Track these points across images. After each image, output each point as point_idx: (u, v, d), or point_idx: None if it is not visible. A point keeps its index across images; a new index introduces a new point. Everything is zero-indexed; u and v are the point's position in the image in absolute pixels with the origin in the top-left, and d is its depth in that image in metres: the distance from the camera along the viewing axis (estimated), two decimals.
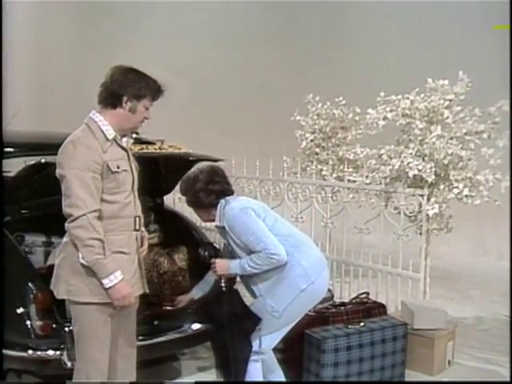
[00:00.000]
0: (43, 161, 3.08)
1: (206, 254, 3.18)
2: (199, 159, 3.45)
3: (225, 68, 7.72)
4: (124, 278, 2.29)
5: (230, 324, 2.69)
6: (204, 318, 2.95)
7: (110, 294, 2.25)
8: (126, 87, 2.26)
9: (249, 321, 2.70)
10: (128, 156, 2.38)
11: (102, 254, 2.22)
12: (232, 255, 2.82)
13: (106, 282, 2.23)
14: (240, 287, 2.91)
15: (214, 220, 2.83)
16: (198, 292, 3.05)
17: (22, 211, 3.10)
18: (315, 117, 5.26)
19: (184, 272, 3.53)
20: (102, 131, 2.28)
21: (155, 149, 3.27)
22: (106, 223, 2.27)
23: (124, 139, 2.39)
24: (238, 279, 2.92)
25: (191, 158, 3.41)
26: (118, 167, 2.29)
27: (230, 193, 2.85)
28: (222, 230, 2.81)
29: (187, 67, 7.43)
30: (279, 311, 2.70)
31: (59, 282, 2.34)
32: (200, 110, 7.63)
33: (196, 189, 2.77)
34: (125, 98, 2.28)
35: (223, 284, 2.75)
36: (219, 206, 2.77)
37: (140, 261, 2.44)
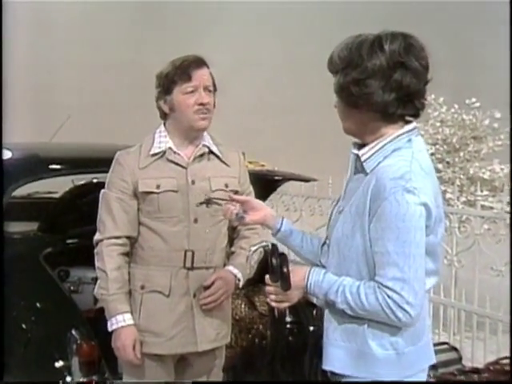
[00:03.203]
0: (95, 181, 2.93)
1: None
2: (286, 178, 3.38)
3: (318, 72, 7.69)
4: (158, 325, 2.16)
5: None
6: None
7: (112, 340, 2.17)
8: (157, 93, 2.22)
9: None
10: (186, 174, 2.18)
11: (106, 290, 2.14)
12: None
13: (109, 325, 2.15)
14: None
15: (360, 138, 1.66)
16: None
17: (68, 241, 2.92)
18: (438, 123, 5.09)
19: (266, 319, 3.21)
20: (153, 143, 2.21)
21: None
22: (147, 254, 2.20)
23: (196, 153, 2.19)
24: None
25: (276, 178, 3.31)
26: (158, 187, 2.15)
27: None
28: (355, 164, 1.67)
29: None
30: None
31: None
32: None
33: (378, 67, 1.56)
34: (161, 103, 2.22)
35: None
36: (389, 140, 1.61)
37: (194, 309, 2.19)
